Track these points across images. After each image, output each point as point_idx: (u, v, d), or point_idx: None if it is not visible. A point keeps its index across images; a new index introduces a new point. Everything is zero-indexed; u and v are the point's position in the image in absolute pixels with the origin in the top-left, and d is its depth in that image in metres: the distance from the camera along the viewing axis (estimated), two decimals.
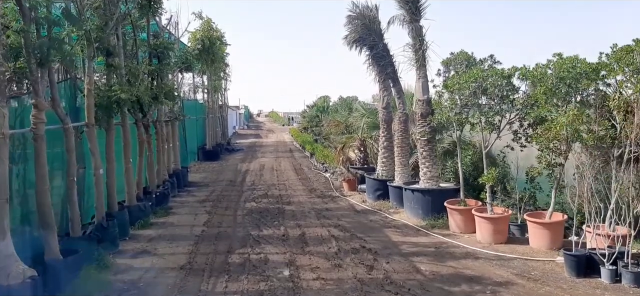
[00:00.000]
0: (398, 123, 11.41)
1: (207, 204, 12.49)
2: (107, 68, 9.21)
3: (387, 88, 11.93)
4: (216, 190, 14.77)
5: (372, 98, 53.09)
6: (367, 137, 15.01)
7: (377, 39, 11.28)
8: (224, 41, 24.33)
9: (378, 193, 12.12)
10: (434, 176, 10.38)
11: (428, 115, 10.31)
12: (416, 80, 10.45)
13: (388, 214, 10.91)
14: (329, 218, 10.67)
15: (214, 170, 19.91)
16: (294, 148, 30.73)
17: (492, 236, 8.67)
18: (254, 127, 61.87)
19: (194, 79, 25.22)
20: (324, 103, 36.06)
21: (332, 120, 17.38)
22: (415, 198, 10.24)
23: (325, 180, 16.24)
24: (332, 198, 13.16)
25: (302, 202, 12.58)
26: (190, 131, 22.21)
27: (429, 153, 10.35)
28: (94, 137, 8.27)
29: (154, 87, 11.49)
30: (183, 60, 13.52)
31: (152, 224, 10.19)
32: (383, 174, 12.21)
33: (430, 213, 10.05)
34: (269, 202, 12.59)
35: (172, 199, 13.05)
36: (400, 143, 11.40)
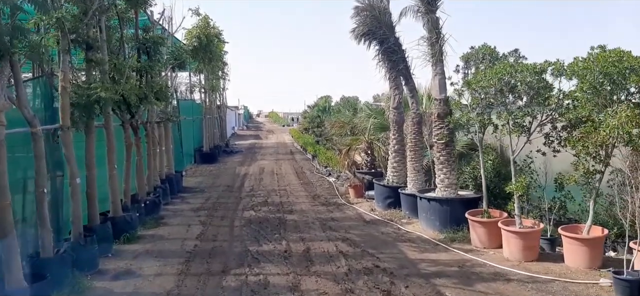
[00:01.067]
0: (411, 125, 10.40)
1: (201, 213, 11.46)
2: (87, 63, 8.19)
3: (398, 86, 10.90)
4: (212, 196, 13.75)
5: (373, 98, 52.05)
6: (374, 139, 13.99)
7: (388, 32, 10.26)
8: (221, 38, 23.31)
9: (388, 201, 11.10)
10: (452, 183, 9.36)
11: (446, 116, 9.30)
12: (432, 77, 9.44)
13: (401, 225, 9.88)
14: (335, 229, 9.65)
15: (211, 174, 18.89)
16: (295, 150, 29.70)
17: (522, 253, 7.66)
18: (253, 128, 60.84)
19: (191, 78, 24.21)
20: (325, 104, 35.07)
21: (336, 121, 16.36)
22: (432, 208, 9.22)
23: (329, 185, 15.21)
24: (337, 206, 12.13)
25: (305, 211, 11.55)
26: (187, 132, 21.20)
27: (447, 158, 9.33)
28: (69, 142, 7.25)
29: (143, 85, 10.46)
30: (176, 57, 12.49)
31: (139, 237, 9.17)
32: (393, 180, 11.19)
33: (448, 224, 9.03)
34: (269, 211, 11.57)
35: (164, 207, 12.02)
36: (413, 146, 10.38)
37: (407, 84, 10.44)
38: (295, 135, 35.95)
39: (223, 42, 23.88)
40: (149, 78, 10.67)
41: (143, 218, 10.31)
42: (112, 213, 9.14)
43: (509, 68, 7.81)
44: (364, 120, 15.19)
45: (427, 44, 9.36)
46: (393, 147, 11.16)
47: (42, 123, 7.50)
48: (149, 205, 10.92)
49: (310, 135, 32.78)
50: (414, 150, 10.35)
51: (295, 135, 36.11)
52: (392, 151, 11.19)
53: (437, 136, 9.35)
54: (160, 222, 10.56)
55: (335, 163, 17.07)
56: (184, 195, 13.95)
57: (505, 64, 7.89)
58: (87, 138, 8.12)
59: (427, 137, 11.01)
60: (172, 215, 11.27)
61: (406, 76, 10.37)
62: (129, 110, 10.24)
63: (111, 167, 9.09)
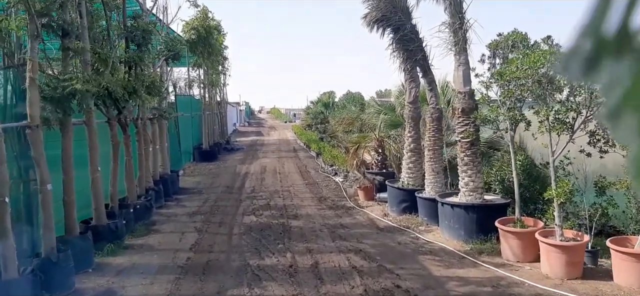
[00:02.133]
0: (429, 121, 9.33)
1: (197, 218, 10.43)
2: (63, 52, 7.15)
3: (414, 78, 9.83)
4: (210, 198, 12.72)
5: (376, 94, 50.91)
6: (385, 137, 12.93)
7: (405, 17, 9.18)
8: (221, 31, 22.25)
9: (403, 205, 10.05)
10: (478, 187, 8.31)
11: (471, 111, 8.24)
12: (455, 67, 8.37)
13: (419, 234, 8.84)
14: (346, 238, 8.61)
15: (211, 173, 17.86)
16: (298, 147, 28.66)
17: (565, 269, 6.63)
18: (255, 124, 59.80)
19: (190, 73, 23.15)
20: (329, 99, 33.94)
21: (344, 118, 15.27)
22: (456, 215, 8.17)
23: (335, 186, 14.17)
24: (346, 210, 11.08)
25: (312, 215, 10.52)
26: (185, 129, 20.18)
27: (472, 159, 8.28)
28: (38, 142, 6.23)
29: (132, 78, 9.42)
30: (169, 48, 11.44)
31: (126, 248, 8.16)
32: (409, 182, 10.13)
33: (474, 234, 8.00)
34: (272, 215, 10.53)
35: (157, 211, 11.00)
36: (432, 145, 9.32)
37: (425, 76, 9.37)
38: (297, 132, 34.88)
39: (223, 34, 22.85)
40: (138, 71, 9.62)
41: (132, 225, 9.31)
42: (95, 221, 8.12)
43: (549, 56, 6.74)
44: (373, 117, 14.14)
45: (449, 31, 8.29)
46: (408, 146, 10.10)
47: (12, 121, 6.52)
48: (139, 209, 9.90)
49: (313, 132, 31.71)
50: (433, 149, 9.29)
51: (298, 131, 35.04)
52: (407, 150, 10.13)
53: (461, 134, 8.30)
54: (151, 228, 9.54)
55: (341, 162, 16.01)
56: (180, 197, 12.93)
57: (544, 52, 6.82)
58: (63, 137, 7.10)
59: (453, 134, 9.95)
60: (165, 221, 10.25)
61: (424, 67, 9.30)
62: (116, 106, 9.21)
63: (93, 169, 8.06)
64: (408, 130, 10.11)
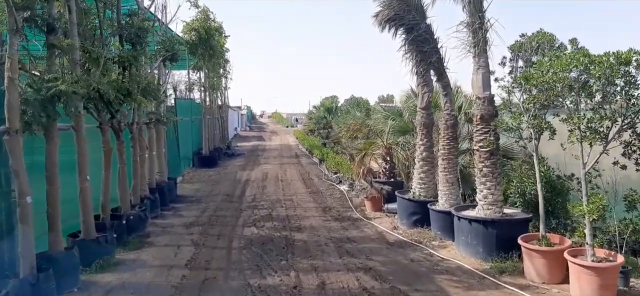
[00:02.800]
0: (443, 129, 8.71)
1: (195, 229, 9.80)
2: (48, 49, 6.55)
3: (428, 82, 9.21)
4: (209, 207, 12.09)
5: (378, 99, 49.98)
6: (392, 144, 12.30)
7: (419, 17, 8.57)
8: (222, 32, 21.72)
9: (414, 217, 9.41)
10: (498, 200, 7.69)
11: (491, 118, 7.62)
12: (474, 70, 7.76)
13: (433, 250, 8.19)
14: (354, 254, 7.97)
15: (210, 180, 17.23)
16: (300, 153, 28.03)
17: (597, 293, 6.01)
18: (256, 129, 59.22)
19: (190, 76, 22.60)
20: (331, 104, 33.36)
21: (352, 124, 14.62)
22: (474, 230, 7.53)
23: (340, 195, 13.54)
24: (353, 221, 10.44)
25: (316, 227, 9.88)
26: (185, 134, 19.58)
27: (492, 170, 7.65)
28: (17, 150, 5.62)
29: (126, 79, 8.83)
30: (167, 48, 10.85)
31: (116, 264, 7.53)
32: (421, 193, 9.50)
33: (494, 251, 7.36)
34: (274, 227, 9.90)
35: (152, 222, 10.38)
36: (446, 154, 8.70)
37: (439, 80, 8.75)
38: (299, 137, 34.28)
39: (224, 36, 22.32)
40: (133, 72, 9.02)
41: (124, 237, 8.69)
42: (83, 234, 7.50)
43: (583, 58, 6.12)
44: (380, 122, 13.51)
45: (468, 31, 7.68)
46: (420, 154, 9.47)
47: None
48: (132, 220, 9.27)
49: (316, 137, 31.12)
50: (448, 158, 8.66)
51: (300, 136, 34.44)
52: (419, 159, 9.49)
53: (480, 142, 7.67)
54: (145, 241, 8.91)
55: (346, 170, 15.39)
56: (177, 206, 12.29)
57: (578, 53, 6.20)
58: (47, 144, 6.49)
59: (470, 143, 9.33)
60: (160, 232, 9.62)
61: (439, 70, 8.68)
62: (108, 109, 8.62)
63: (82, 178, 7.44)
64: (420, 138, 9.48)
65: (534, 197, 8.16)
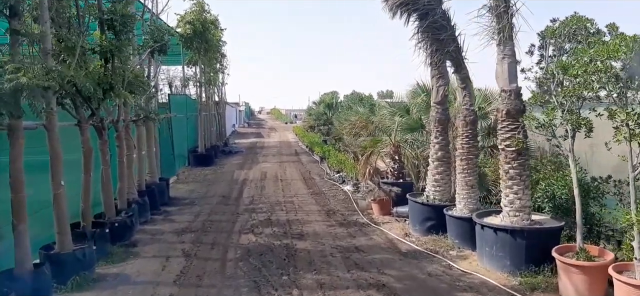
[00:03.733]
0: (462, 126, 7.83)
1: (187, 237, 8.93)
2: (11, 37, 5.66)
3: (443, 74, 8.33)
4: (204, 211, 11.21)
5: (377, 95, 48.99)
6: (401, 142, 11.43)
7: (434, 2, 7.66)
8: (218, 25, 20.80)
9: (428, 224, 8.54)
10: (525, 206, 6.82)
11: (518, 114, 6.75)
12: (498, 60, 6.88)
13: (451, 261, 7.32)
14: (363, 267, 7.10)
15: (206, 180, 16.35)
16: (300, 150, 27.15)
17: None
18: (255, 125, 58.34)
19: (184, 70, 21.68)
20: (332, 100, 32.45)
21: (356, 120, 13.72)
22: (500, 241, 6.67)
23: (344, 197, 12.66)
24: (360, 227, 9.57)
25: (320, 234, 9.01)
26: (179, 132, 18.69)
27: (519, 172, 6.79)
28: None
29: (108, 72, 7.93)
30: (155, 39, 9.94)
31: (96, 280, 6.66)
32: (435, 197, 8.62)
33: (523, 264, 6.51)
34: (274, 234, 9.03)
35: (141, 228, 9.51)
36: (465, 154, 7.82)
37: (457, 71, 7.86)
38: (299, 134, 33.41)
39: (220, 29, 21.41)
40: (116, 64, 8.12)
41: (107, 247, 7.82)
42: (58, 247, 6.62)
43: (633, 44, 5.25)
44: (387, 119, 12.64)
45: (492, 15, 6.80)
46: (435, 154, 8.59)
47: None
48: (117, 228, 8.40)
49: (316, 134, 30.26)
50: (467, 158, 7.79)
51: (300, 133, 33.57)
52: (433, 159, 8.61)
53: (506, 141, 6.81)
54: (131, 251, 8.04)
55: (349, 169, 14.52)
56: (169, 210, 11.41)
57: (631, 38, 5.32)
58: (11, 146, 5.61)
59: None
60: (148, 241, 8.75)
61: (457, 60, 7.79)
62: (88, 105, 7.72)
63: (56, 183, 6.56)
64: (434, 135, 8.60)
65: (565, 202, 7.32)
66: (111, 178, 8.87)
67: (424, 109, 11.60)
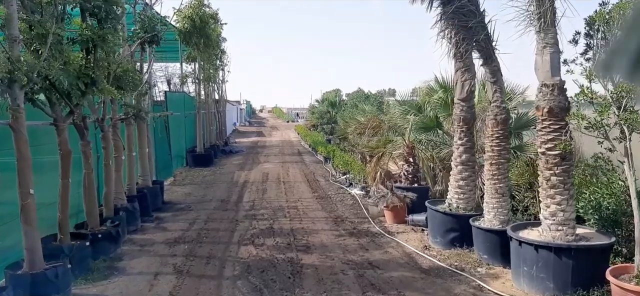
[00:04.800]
0: (492, 125, 6.87)
1: (179, 249, 7.99)
2: None
3: (469, 67, 7.38)
4: (200, 217, 10.27)
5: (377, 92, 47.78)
6: (415, 142, 10.47)
7: None
8: (218, 20, 19.86)
9: (451, 235, 7.59)
10: (570, 219, 5.87)
11: (562, 112, 5.80)
12: (538, 50, 5.92)
13: (481, 281, 6.37)
14: (381, 288, 6.16)
15: (204, 182, 15.41)
16: (303, 149, 26.20)
17: None
18: (256, 124, 57.39)
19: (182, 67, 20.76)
20: (335, 98, 31.46)
21: (368, 119, 12.73)
22: (542, 259, 5.71)
23: (353, 201, 11.71)
24: (372, 237, 8.62)
25: (328, 247, 8.07)
26: (177, 131, 17.77)
27: (563, 179, 5.84)
28: None
29: (90, 64, 6.99)
30: (146, 29, 9.00)
31: None
32: (459, 205, 7.67)
33: (570, 287, 5.57)
34: (276, 246, 8.09)
35: (129, 237, 8.59)
36: (496, 157, 6.87)
37: (486, 63, 6.89)
38: (301, 133, 32.45)
39: (220, 24, 20.46)
40: (99, 55, 7.18)
41: (88, 263, 6.90)
42: (26, 266, 5.70)
43: None
44: (399, 118, 11.68)
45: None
46: (459, 157, 7.63)
47: None
48: (101, 240, 7.48)
49: (319, 133, 29.30)
50: (498, 162, 6.83)
51: (302, 132, 32.61)
52: (457, 163, 7.65)
53: (547, 143, 5.86)
54: (115, 266, 7.12)
55: (357, 171, 13.58)
56: (163, 216, 10.47)
57: None
58: None
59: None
60: (136, 253, 7.82)
61: (487, 51, 6.82)
62: (67, 101, 6.78)
63: (23, 192, 5.64)
64: (458, 136, 7.63)
65: (613, 213, 6.36)
66: (95, 183, 7.95)
67: (441, 107, 10.67)
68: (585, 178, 7.33)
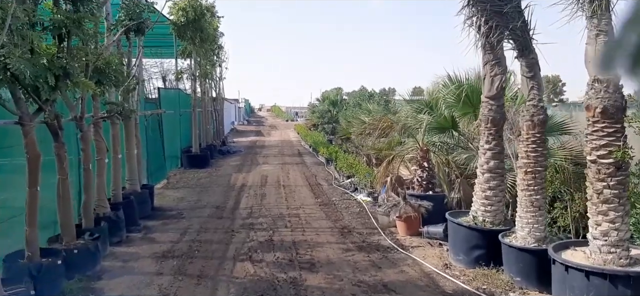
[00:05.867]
0: (528, 127, 5.94)
1: (167, 266, 7.06)
2: None
3: (499, 60, 6.44)
4: (192, 227, 9.33)
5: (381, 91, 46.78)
6: (429, 145, 9.54)
7: None
8: (214, 13, 18.90)
9: (476, 253, 6.66)
10: (623, 239, 4.97)
11: (619, 112, 4.88)
12: (589, 39, 5.01)
13: None
14: None
15: (199, 185, 14.47)
16: (303, 150, 25.26)
17: None
18: (255, 123, 56.42)
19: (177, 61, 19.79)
20: (337, 97, 30.54)
21: (381, 118, 11.77)
22: (595, 288, 4.79)
23: (359, 209, 10.78)
24: (384, 253, 7.68)
25: (335, 263, 7.14)
26: (171, 130, 16.84)
27: (618, 193, 4.93)
28: None
29: (63, 54, 6.05)
30: (131, 16, 8.06)
31: None
32: (485, 219, 6.73)
33: None
34: (277, 262, 7.16)
35: (112, 250, 7.66)
36: (532, 164, 5.94)
37: (522, 55, 5.95)
38: (301, 132, 31.53)
39: (217, 17, 19.51)
40: (73, 44, 6.24)
41: (60, 283, 5.98)
42: None
43: None
44: (410, 118, 10.76)
45: None
46: (486, 164, 6.69)
47: None
48: (77, 256, 6.54)
49: (319, 133, 28.38)
50: (534, 171, 5.90)
51: (302, 131, 31.69)
52: (484, 170, 6.71)
53: (598, 150, 4.94)
54: (92, 288, 6.19)
55: (362, 174, 12.66)
56: (151, 224, 9.53)
57: None
58: None
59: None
60: (118, 271, 6.88)
61: (523, 41, 5.86)
62: (34, 98, 5.85)
63: None
64: (486, 140, 6.70)
65: None
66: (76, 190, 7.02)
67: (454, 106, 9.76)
68: (633, 190, 6.42)
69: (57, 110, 6.63)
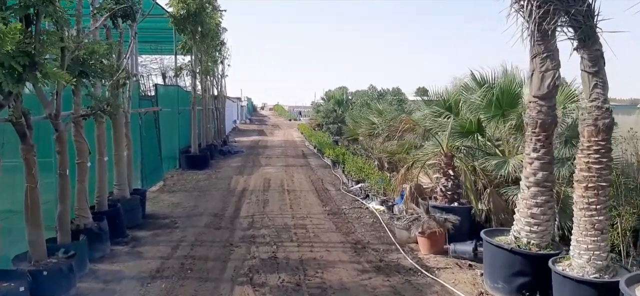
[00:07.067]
0: (590, 133, 4.89)
1: (153, 290, 6.04)
2: None
3: (552, 54, 5.39)
4: (186, 239, 8.31)
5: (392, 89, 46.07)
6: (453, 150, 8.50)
7: None
8: (216, 6, 17.91)
9: (519, 280, 5.63)
10: None
11: None
12: None
13: None
14: None
15: (197, 188, 13.44)
16: (308, 151, 24.22)
17: None
18: (257, 122, 55.41)
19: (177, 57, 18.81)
20: (342, 96, 29.53)
21: (402, 119, 10.69)
22: None
23: (372, 219, 9.74)
24: (406, 275, 6.64)
25: (349, 289, 6.11)
26: (168, 129, 15.85)
27: None
28: None
29: (31, 39, 5.04)
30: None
31: None
32: (530, 241, 5.68)
33: None
34: (282, 287, 6.13)
35: (92, 268, 6.65)
36: (595, 177, 4.89)
37: (584, 46, 4.89)
38: (305, 132, 30.52)
39: (219, 11, 18.52)
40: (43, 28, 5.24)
41: None
42: None
43: None
44: (429, 119, 9.73)
45: None
46: (533, 176, 5.64)
47: None
48: (47, 278, 5.53)
49: (324, 133, 27.40)
50: (597, 186, 4.85)
51: (306, 131, 30.69)
52: (530, 182, 5.66)
53: None
54: None
55: (374, 179, 11.63)
56: (141, 235, 8.51)
57: None
58: None
59: None
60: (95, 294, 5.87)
61: (586, 29, 4.81)
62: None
63: None
64: (533, 147, 5.64)
65: None
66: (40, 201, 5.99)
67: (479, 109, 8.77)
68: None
69: (26, 108, 5.63)
